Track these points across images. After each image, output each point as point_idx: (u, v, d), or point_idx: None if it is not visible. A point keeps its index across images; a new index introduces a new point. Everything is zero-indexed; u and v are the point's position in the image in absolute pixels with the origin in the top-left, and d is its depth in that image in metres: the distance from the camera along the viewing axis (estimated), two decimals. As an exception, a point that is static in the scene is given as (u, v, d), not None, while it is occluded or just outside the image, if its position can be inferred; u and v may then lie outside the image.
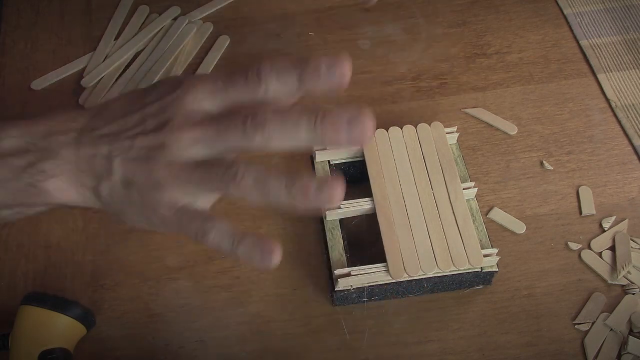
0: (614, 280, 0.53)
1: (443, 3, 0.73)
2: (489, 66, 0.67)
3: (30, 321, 0.47)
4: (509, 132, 0.62)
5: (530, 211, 0.57)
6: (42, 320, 0.47)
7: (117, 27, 0.71)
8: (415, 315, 0.52)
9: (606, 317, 0.51)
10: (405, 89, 0.66)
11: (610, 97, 0.64)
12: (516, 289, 0.53)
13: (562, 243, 0.55)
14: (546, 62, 0.67)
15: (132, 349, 0.51)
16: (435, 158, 0.54)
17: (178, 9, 0.72)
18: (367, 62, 0.68)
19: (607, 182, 0.59)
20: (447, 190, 0.52)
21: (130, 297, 0.54)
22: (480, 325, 0.52)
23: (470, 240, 0.50)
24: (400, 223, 0.51)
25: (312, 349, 0.51)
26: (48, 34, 0.71)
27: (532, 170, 0.60)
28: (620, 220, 0.56)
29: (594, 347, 0.50)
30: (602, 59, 0.67)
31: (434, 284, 0.51)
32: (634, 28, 0.69)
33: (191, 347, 0.51)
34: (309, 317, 0.52)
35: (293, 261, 0.55)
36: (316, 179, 0.35)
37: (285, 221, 0.57)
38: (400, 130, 0.56)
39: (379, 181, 0.53)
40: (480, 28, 0.70)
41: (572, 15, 0.71)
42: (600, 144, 0.61)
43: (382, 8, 0.72)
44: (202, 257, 0.56)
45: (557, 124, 0.63)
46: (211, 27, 0.71)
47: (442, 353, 0.50)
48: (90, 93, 0.66)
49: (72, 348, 0.49)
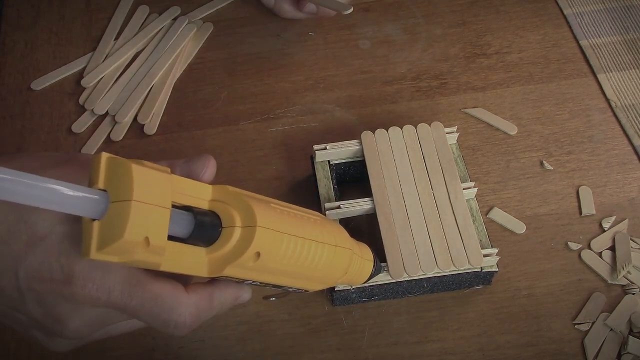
0: (614, 280, 0.53)
1: (443, 3, 0.73)
2: (489, 66, 0.67)
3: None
4: (509, 132, 0.62)
5: (530, 211, 0.57)
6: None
7: (117, 27, 0.71)
8: (415, 315, 0.52)
9: (606, 317, 0.51)
10: (405, 89, 0.66)
11: (610, 97, 0.64)
12: (516, 289, 0.53)
13: (562, 243, 0.55)
14: (546, 62, 0.67)
15: (132, 349, 0.51)
16: (435, 158, 0.54)
17: (178, 9, 0.72)
18: (367, 62, 0.68)
19: (607, 182, 0.59)
20: (447, 190, 0.52)
21: (130, 297, 0.54)
22: (480, 325, 0.52)
23: (470, 240, 0.50)
24: (400, 223, 0.51)
25: (312, 349, 0.51)
26: (48, 34, 0.71)
27: (532, 170, 0.60)
28: (620, 220, 0.56)
29: (594, 347, 0.50)
30: (602, 59, 0.67)
31: (433, 284, 0.51)
32: (634, 28, 0.69)
33: (191, 347, 0.51)
34: (309, 317, 0.52)
35: (293, 261, 0.55)
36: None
37: (285, 221, 0.57)
38: (400, 130, 0.56)
39: (379, 181, 0.53)
40: (480, 28, 0.70)
41: (572, 15, 0.71)
42: (600, 144, 0.61)
43: (382, 8, 0.73)
44: (202, 257, 0.55)
45: (557, 124, 0.63)
46: (211, 27, 0.71)
47: (442, 353, 0.50)
48: (90, 93, 0.66)
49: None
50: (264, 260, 0.32)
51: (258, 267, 0.32)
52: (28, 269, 0.30)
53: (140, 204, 0.27)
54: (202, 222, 0.31)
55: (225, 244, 0.31)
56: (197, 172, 0.35)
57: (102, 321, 0.33)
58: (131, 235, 0.27)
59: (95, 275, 0.30)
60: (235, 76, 0.68)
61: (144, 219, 0.28)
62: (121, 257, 0.28)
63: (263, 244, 0.31)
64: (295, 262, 0.34)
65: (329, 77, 0.67)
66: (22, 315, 0.32)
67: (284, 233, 0.33)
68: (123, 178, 0.28)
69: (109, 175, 0.28)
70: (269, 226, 0.32)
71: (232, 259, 0.31)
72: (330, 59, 0.69)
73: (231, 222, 0.31)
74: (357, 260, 0.40)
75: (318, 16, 0.66)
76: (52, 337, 0.34)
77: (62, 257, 0.30)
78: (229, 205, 0.32)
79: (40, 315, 0.32)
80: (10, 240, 0.30)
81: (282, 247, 0.33)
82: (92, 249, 0.28)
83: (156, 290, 0.31)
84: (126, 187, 0.27)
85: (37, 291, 0.31)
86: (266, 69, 0.68)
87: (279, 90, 0.66)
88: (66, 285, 0.30)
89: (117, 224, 0.27)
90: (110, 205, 0.28)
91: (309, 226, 0.35)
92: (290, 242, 0.33)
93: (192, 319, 0.33)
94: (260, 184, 0.59)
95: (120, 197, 0.27)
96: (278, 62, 0.69)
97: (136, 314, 0.32)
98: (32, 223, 0.30)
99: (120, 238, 0.27)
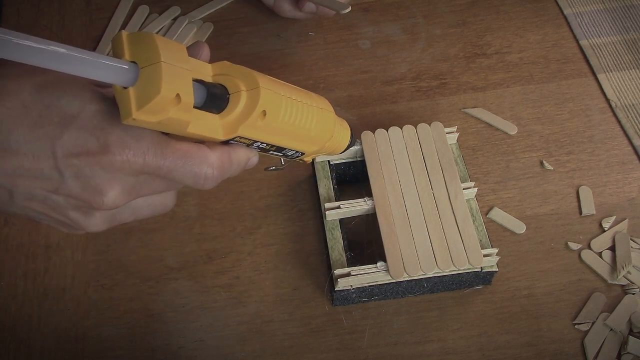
0: (614, 280, 0.53)
1: (443, 3, 0.73)
2: (489, 66, 0.67)
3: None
4: (509, 132, 0.62)
5: (530, 211, 0.57)
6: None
7: (117, 27, 0.71)
8: (415, 315, 0.52)
9: (606, 317, 0.51)
10: (405, 89, 0.66)
11: (610, 97, 0.64)
12: (516, 289, 0.53)
13: (562, 243, 0.55)
14: (546, 62, 0.67)
15: (132, 349, 0.51)
16: (435, 158, 0.54)
17: (178, 9, 0.72)
18: (367, 62, 0.68)
19: (607, 182, 0.59)
20: (447, 190, 0.52)
21: (130, 297, 0.54)
22: (480, 325, 0.52)
23: (470, 240, 0.50)
24: (400, 223, 0.51)
25: (312, 349, 0.51)
26: (48, 34, 0.71)
27: (532, 170, 0.60)
28: (620, 220, 0.56)
29: (594, 347, 0.50)
30: (602, 59, 0.67)
31: (433, 284, 0.51)
32: (634, 28, 0.69)
33: (191, 347, 0.51)
34: (309, 317, 0.52)
35: (293, 261, 0.55)
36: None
37: (286, 221, 0.57)
38: (400, 130, 0.56)
39: (379, 181, 0.53)
40: (480, 28, 0.70)
41: (572, 15, 0.71)
42: (600, 144, 0.61)
43: (382, 8, 0.72)
44: (202, 257, 0.56)
45: (557, 124, 0.63)
46: (211, 27, 0.71)
47: (442, 353, 0.50)
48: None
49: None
50: (269, 119, 0.36)
51: (265, 126, 0.36)
52: (65, 145, 0.32)
53: (168, 65, 0.30)
54: (214, 89, 0.34)
55: (235, 107, 0.35)
56: (195, 54, 0.37)
57: (136, 190, 0.35)
58: (167, 91, 0.30)
59: (130, 141, 0.33)
60: (235, 76, 0.68)
61: (174, 77, 0.30)
62: (158, 115, 0.31)
63: (267, 102, 0.36)
64: (293, 122, 0.39)
65: (329, 77, 0.67)
66: (60, 197, 0.34)
67: (282, 95, 0.38)
68: (147, 47, 0.31)
69: (132, 49, 0.31)
70: (270, 87, 0.36)
71: (242, 120, 0.35)
72: (330, 59, 0.69)
73: (237, 88, 0.35)
74: (339, 127, 0.46)
75: (317, 16, 0.66)
76: (90, 214, 0.36)
77: (96, 130, 0.32)
78: (231, 75, 0.36)
79: (80, 190, 0.34)
80: (44, 123, 0.32)
81: (282, 107, 0.37)
82: (132, 110, 0.30)
83: (185, 149, 0.35)
84: (152, 52, 0.30)
85: (75, 166, 0.33)
86: (266, 69, 0.68)
87: (279, 90, 0.66)
88: (104, 154, 0.32)
89: (151, 84, 0.30)
90: (141, 72, 0.30)
91: (300, 92, 0.40)
92: (289, 103, 0.38)
93: (218, 171, 0.36)
94: (260, 183, 0.59)
95: (149, 61, 0.30)
96: (278, 62, 0.69)
97: (170, 171, 0.35)
98: (62, 106, 0.32)
99: (157, 94, 0.30)
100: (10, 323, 0.53)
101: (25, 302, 0.54)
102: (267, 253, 0.56)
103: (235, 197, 0.59)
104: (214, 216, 0.58)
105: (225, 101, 0.35)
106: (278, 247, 0.56)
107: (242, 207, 0.58)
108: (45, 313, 0.53)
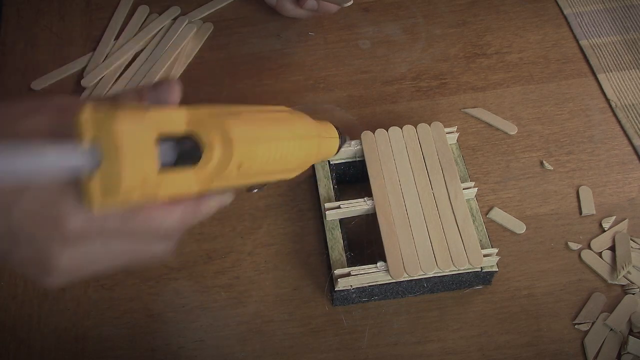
0: (614, 280, 0.53)
1: (443, 3, 0.73)
2: (489, 66, 0.67)
3: None
4: (509, 132, 0.62)
5: (530, 211, 0.57)
6: None
7: (117, 27, 0.71)
8: (415, 315, 0.52)
9: (606, 317, 0.51)
10: (405, 89, 0.66)
11: (610, 97, 0.64)
12: (516, 289, 0.53)
13: (562, 243, 0.55)
14: (546, 62, 0.67)
15: (132, 349, 0.51)
16: (435, 158, 0.54)
17: (178, 9, 0.72)
18: (367, 62, 0.68)
19: (607, 182, 0.59)
20: (447, 190, 0.52)
21: (130, 297, 0.54)
22: (480, 325, 0.52)
23: (470, 240, 0.50)
24: (400, 223, 0.51)
25: (312, 349, 0.51)
26: (48, 34, 0.71)
27: (532, 170, 0.60)
28: (620, 220, 0.56)
29: (594, 347, 0.50)
30: (602, 59, 0.67)
31: (433, 284, 0.51)
32: (634, 28, 0.69)
33: (191, 347, 0.51)
34: (309, 317, 0.52)
35: (293, 261, 0.55)
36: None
37: (286, 221, 0.57)
38: (400, 130, 0.56)
39: (379, 181, 0.53)
40: (480, 28, 0.70)
41: (572, 15, 0.71)
42: (600, 144, 0.61)
43: (382, 8, 0.72)
44: (202, 257, 0.56)
45: (557, 124, 0.63)
46: (211, 27, 0.71)
47: (442, 353, 0.50)
48: (91, 93, 0.66)
49: None
50: (246, 168, 0.35)
51: (241, 175, 0.35)
52: (21, 210, 0.32)
53: (130, 151, 0.29)
54: (185, 146, 0.33)
55: (208, 162, 0.34)
56: (164, 97, 0.36)
57: (92, 259, 0.34)
58: (129, 181, 0.29)
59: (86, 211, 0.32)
60: (235, 76, 0.68)
61: (137, 164, 0.29)
62: (122, 202, 0.30)
63: (242, 155, 0.34)
64: (273, 161, 0.37)
65: (329, 77, 0.67)
66: (16, 256, 0.34)
67: (259, 141, 0.36)
68: (108, 130, 0.29)
69: (95, 127, 0.30)
70: (245, 138, 0.35)
71: (217, 174, 0.34)
72: (330, 59, 0.69)
73: (210, 142, 0.34)
74: (324, 141, 0.45)
75: (319, 12, 0.66)
76: (45, 275, 0.35)
77: (54, 198, 0.31)
78: (205, 126, 0.34)
79: (33, 255, 0.33)
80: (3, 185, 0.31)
81: (259, 154, 0.36)
82: (94, 202, 0.30)
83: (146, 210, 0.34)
84: (113, 138, 0.29)
85: (28, 233, 0.32)
86: (266, 69, 0.68)
87: (279, 90, 0.66)
88: (58, 225, 0.32)
89: (113, 175, 0.29)
90: (102, 159, 0.29)
91: (279, 126, 0.39)
92: (266, 146, 0.37)
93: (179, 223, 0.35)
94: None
95: (110, 148, 0.29)
96: (278, 62, 0.69)
97: (132, 235, 0.34)
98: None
99: (118, 190, 0.29)
100: (10, 323, 0.53)
101: (25, 302, 0.54)
102: (267, 253, 0.56)
103: (235, 197, 0.59)
104: (214, 216, 0.58)
105: (197, 157, 0.34)
106: (278, 247, 0.56)
107: (242, 207, 0.58)
108: (45, 313, 0.53)
